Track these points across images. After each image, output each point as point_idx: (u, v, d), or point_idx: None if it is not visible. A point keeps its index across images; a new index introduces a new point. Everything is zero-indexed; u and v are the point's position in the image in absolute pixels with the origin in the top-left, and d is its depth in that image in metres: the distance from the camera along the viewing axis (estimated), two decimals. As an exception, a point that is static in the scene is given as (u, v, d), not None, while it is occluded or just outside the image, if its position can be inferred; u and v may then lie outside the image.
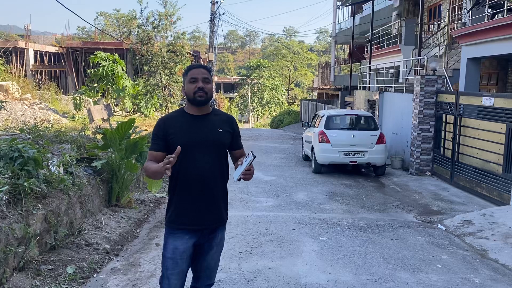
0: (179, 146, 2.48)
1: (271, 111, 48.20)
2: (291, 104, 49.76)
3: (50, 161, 5.26)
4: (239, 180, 2.63)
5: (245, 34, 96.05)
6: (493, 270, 4.73)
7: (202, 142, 2.69)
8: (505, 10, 10.06)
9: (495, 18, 10.43)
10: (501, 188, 7.77)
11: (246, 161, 2.59)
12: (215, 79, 48.52)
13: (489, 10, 11.15)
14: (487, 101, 8.34)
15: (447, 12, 15.21)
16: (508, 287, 4.30)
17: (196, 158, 2.65)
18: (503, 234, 5.83)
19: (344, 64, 31.06)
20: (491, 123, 8.25)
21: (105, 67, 16.25)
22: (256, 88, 49.90)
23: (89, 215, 5.72)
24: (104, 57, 16.63)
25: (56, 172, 5.13)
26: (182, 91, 2.96)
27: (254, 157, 2.57)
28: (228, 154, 2.89)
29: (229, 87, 57.00)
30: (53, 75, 28.06)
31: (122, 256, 5.00)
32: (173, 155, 2.46)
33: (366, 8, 23.84)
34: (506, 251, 5.29)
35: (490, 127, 8.27)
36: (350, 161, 10.51)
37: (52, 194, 4.81)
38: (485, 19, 10.83)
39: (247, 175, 2.61)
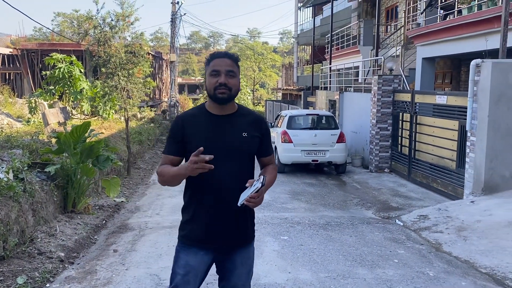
0: (201, 148, 2.12)
1: (236, 112, 48.04)
2: (256, 105, 49.85)
3: (-2, 168, 5.03)
4: (242, 205, 2.21)
5: (209, 35, 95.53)
6: (446, 263, 4.88)
7: (223, 148, 2.31)
8: (456, 12, 10.46)
9: (447, 19, 10.82)
10: (455, 183, 8.06)
11: (254, 185, 2.20)
12: (179, 80, 48.06)
13: (442, 11, 11.56)
14: (441, 99, 8.64)
15: (403, 13, 15.67)
16: (460, 278, 4.45)
17: (216, 167, 2.19)
18: (457, 227, 6.04)
19: (307, 65, 31.46)
20: (445, 121, 8.55)
21: (62, 69, 15.71)
22: (220, 89, 49.58)
23: (42, 222, 5.50)
24: (61, 59, 16.06)
25: (5, 179, 4.91)
26: (204, 84, 2.49)
27: (263, 185, 2.15)
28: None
29: (194, 88, 56.53)
30: (7, 77, 26.91)
31: (78, 264, 4.84)
32: (200, 154, 2.11)
33: (326, 9, 24.22)
34: (459, 244, 5.48)
35: (444, 124, 8.57)
36: (312, 160, 10.65)
37: (1, 201, 4.59)
38: (438, 20, 11.22)
39: (251, 202, 2.20)
